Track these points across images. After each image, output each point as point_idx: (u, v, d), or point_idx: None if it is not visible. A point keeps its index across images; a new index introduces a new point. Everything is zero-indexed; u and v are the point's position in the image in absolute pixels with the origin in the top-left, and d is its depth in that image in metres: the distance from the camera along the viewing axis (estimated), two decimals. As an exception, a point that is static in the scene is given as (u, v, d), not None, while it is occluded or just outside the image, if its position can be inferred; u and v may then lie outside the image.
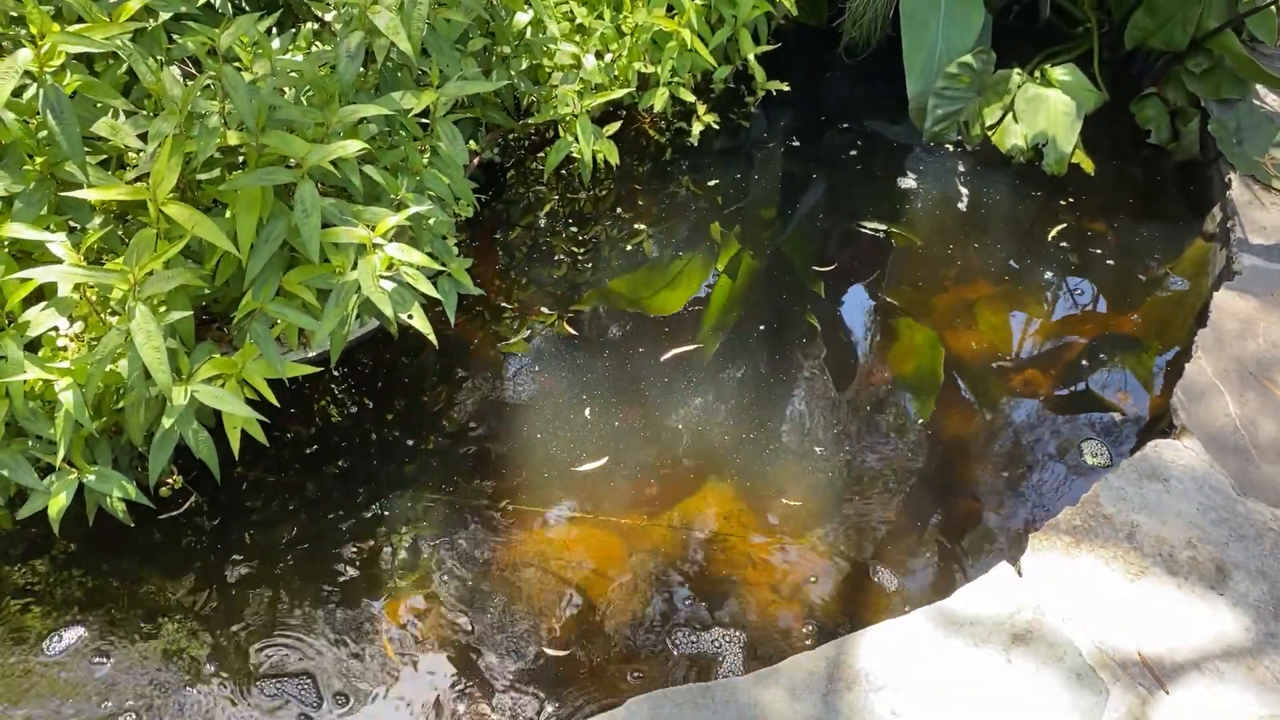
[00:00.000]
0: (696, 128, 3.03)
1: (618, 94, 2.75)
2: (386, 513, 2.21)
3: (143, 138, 1.89)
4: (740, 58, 3.11)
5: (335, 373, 2.47)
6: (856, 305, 2.81)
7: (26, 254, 1.89)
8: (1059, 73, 3.24)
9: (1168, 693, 1.79)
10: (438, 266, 2.09)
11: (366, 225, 1.90)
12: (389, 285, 1.91)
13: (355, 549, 2.14)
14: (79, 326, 1.77)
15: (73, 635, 1.94)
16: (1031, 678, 1.81)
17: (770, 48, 3.17)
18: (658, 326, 2.67)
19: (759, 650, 2.00)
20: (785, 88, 3.14)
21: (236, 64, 1.97)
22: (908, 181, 3.21)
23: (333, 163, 1.94)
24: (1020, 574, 1.98)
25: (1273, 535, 2.05)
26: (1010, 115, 3.22)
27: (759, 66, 3.10)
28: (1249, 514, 2.09)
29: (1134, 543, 2.03)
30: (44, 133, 1.80)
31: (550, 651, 1.98)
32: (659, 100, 2.90)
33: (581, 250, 2.87)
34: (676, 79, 2.94)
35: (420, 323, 1.97)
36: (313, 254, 1.85)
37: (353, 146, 1.84)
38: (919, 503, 2.30)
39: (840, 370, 2.61)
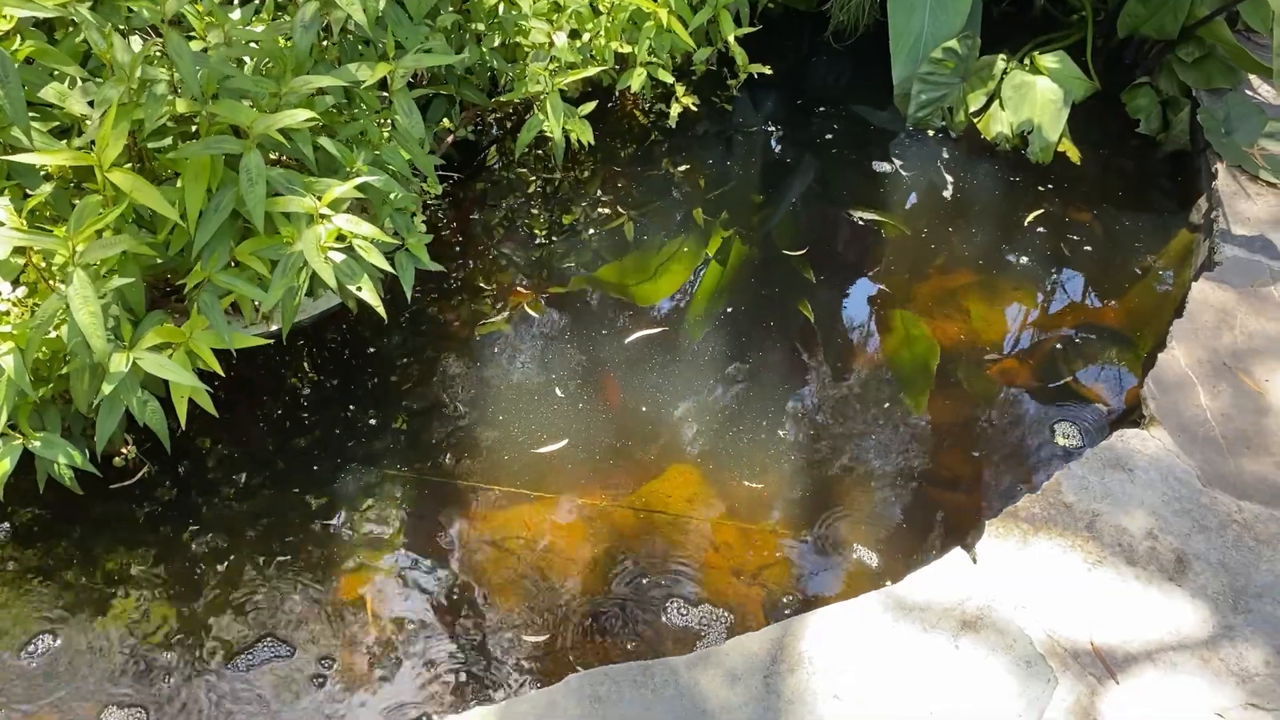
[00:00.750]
0: (675, 109, 3.00)
1: (590, 72, 2.72)
2: (348, 487, 2.19)
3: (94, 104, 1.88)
4: (721, 40, 3.08)
5: (304, 347, 2.46)
6: (833, 291, 2.77)
7: (-23, 219, 1.89)
8: (1048, 60, 3.18)
9: (1118, 682, 1.76)
10: (390, 240, 2.07)
11: (316, 196, 1.88)
12: (338, 257, 1.89)
13: (315, 522, 2.13)
14: (23, 291, 1.76)
15: (22, 609, 1.95)
16: (979, 664, 1.78)
17: (752, 30, 3.14)
18: (631, 307, 2.65)
19: (713, 631, 1.98)
20: (766, 71, 3.10)
21: (191, 34, 1.95)
22: (890, 167, 3.17)
23: (284, 134, 1.92)
24: (975, 560, 1.95)
25: (1236, 527, 2.01)
26: (997, 102, 3.18)
27: (740, 49, 3.06)
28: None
29: (1093, 532, 2.00)
30: (-10, 97, 1.79)
31: (505, 627, 1.97)
32: (636, 81, 2.87)
33: (557, 232, 2.84)
34: (655, 59, 2.91)
35: (370, 296, 1.95)
36: (257, 223, 1.84)
37: (300, 116, 1.82)
38: (882, 487, 2.27)
39: (811, 355, 2.58)
